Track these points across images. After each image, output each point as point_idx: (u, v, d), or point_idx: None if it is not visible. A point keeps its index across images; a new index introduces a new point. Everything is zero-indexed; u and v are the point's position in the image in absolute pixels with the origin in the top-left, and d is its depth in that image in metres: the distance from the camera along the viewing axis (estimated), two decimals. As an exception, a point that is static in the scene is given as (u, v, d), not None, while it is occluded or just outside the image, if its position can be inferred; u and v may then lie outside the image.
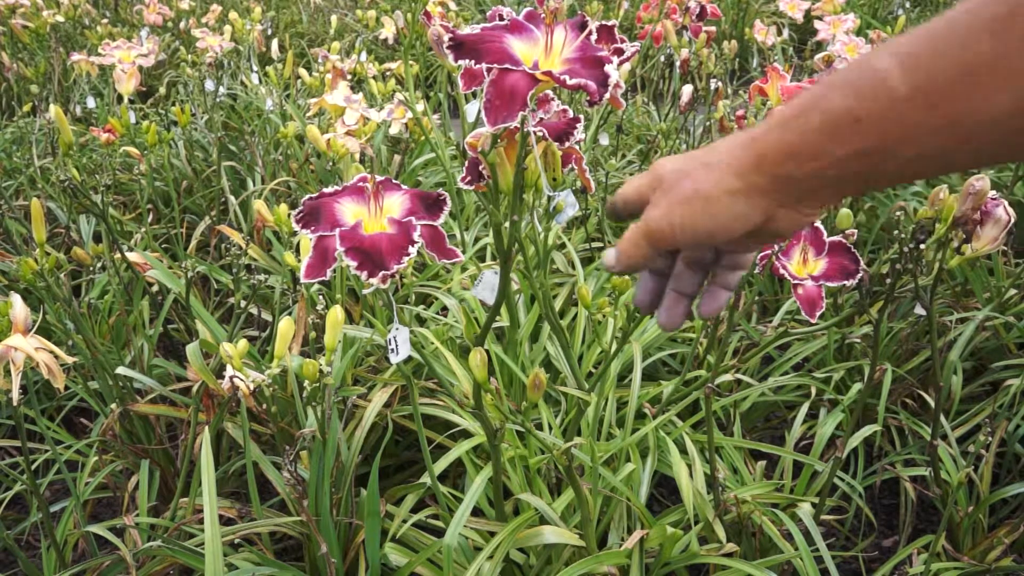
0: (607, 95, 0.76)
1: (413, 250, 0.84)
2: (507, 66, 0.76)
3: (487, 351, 1.02)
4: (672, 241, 0.63)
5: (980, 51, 0.46)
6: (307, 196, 0.90)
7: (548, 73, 0.77)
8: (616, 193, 0.69)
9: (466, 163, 0.95)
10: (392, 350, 0.99)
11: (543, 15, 0.81)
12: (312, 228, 0.87)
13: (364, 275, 0.83)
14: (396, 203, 0.91)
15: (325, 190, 0.91)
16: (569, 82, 0.75)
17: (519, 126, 0.87)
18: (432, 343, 1.51)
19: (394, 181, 0.93)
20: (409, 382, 1.23)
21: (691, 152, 0.63)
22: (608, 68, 0.77)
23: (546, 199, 0.94)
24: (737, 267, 0.68)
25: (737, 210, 0.59)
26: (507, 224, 0.93)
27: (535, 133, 0.89)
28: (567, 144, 0.95)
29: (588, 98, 0.75)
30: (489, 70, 0.77)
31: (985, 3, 0.46)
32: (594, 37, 0.81)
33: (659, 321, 0.70)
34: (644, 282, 0.72)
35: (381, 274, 0.83)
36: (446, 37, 0.78)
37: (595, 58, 0.79)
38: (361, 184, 0.91)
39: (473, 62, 0.76)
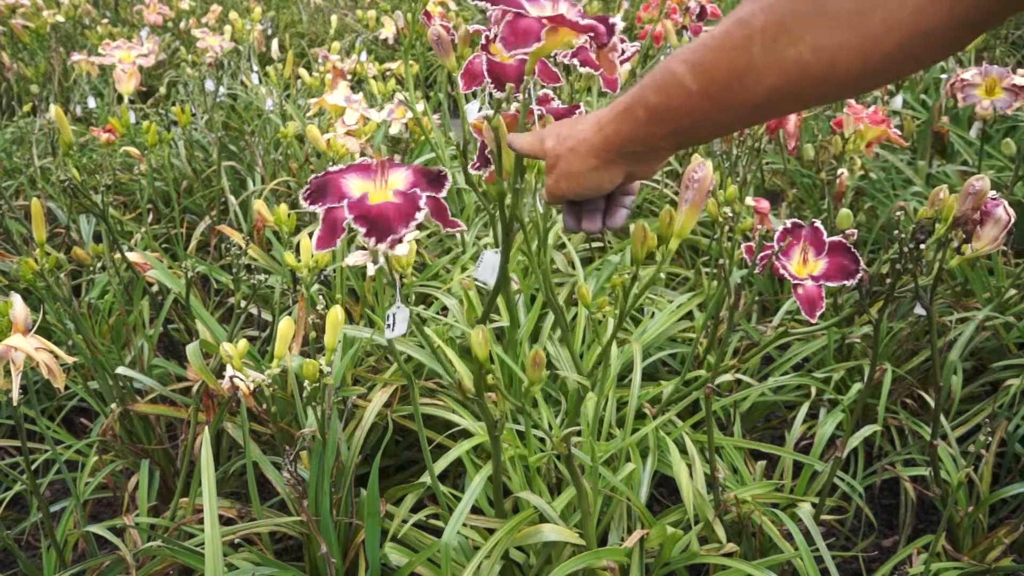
0: (614, 39, 0.85)
1: (420, 216, 0.86)
2: (521, 11, 0.84)
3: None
4: (566, 199, 0.90)
5: (738, 62, 0.67)
6: (313, 176, 0.91)
7: (560, 17, 0.84)
8: (517, 140, 0.92)
9: (477, 148, 0.98)
10: (388, 326, 1.00)
11: None
12: (320, 203, 0.88)
13: (372, 241, 0.84)
14: (400, 178, 0.93)
15: (331, 168, 0.93)
16: (581, 23, 0.83)
17: (519, 107, 0.93)
18: (432, 342, 1.51)
19: (396, 161, 0.95)
20: (410, 381, 1.23)
21: (563, 130, 0.86)
22: (613, 20, 0.86)
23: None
24: (626, 193, 0.93)
25: (602, 178, 0.85)
26: (511, 195, 0.95)
27: (537, 111, 0.93)
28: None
29: (595, 42, 0.85)
30: (504, 13, 0.85)
31: (734, 27, 0.67)
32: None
33: (584, 228, 0.94)
34: (565, 213, 0.95)
35: (389, 239, 0.84)
36: None
37: (601, 18, 0.88)
38: (366, 162, 0.93)
39: (490, 4, 0.85)
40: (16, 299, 1.18)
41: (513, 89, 0.94)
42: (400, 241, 0.86)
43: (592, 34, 0.87)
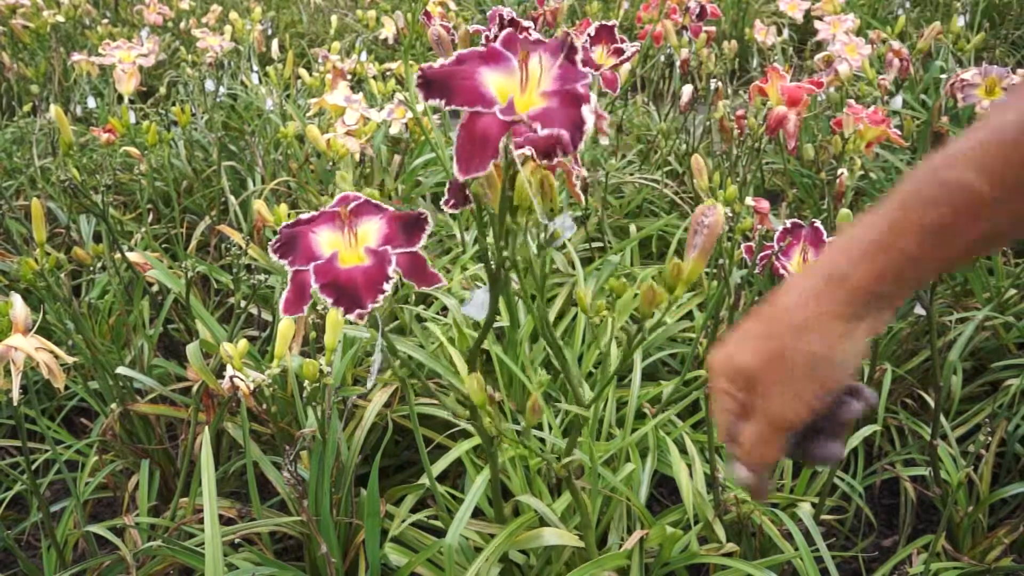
0: (581, 144, 0.71)
1: (388, 286, 0.80)
2: (478, 109, 0.72)
3: (486, 351, 1.02)
4: (811, 414, 0.63)
5: None
6: (284, 223, 0.86)
7: (520, 121, 0.72)
8: (719, 435, 0.68)
9: (448, 185, 0.89)
10: (370, 373, 0.97)
11: (519, 40, 0.76)
12: (289, 259, 0.83)
13: (341, 311, 0.79)
14: (372, 229, 0.87)
15: (302, 216, 0.87)
16: (541, 132, 0.70)
17: (504, 160, 0.79)
18: (432, 342, 1.51)
19: (373, 202, 0.88)
20: (404, 384, 1.23)
21: (756, 326, 0.64)
22: (584, 110, 0.71)
23: (543, 225, 0.91)
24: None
25: (855, 346, 0.61)
26: (498, 244, 0.89)
27: (521, 156, 0.83)
28: (556, 159, 0.90)
29: (561, 149, 0.70)
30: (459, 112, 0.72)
31: None
32: (579, 58, 0.75)
33: (825, 457, 0.67)
34: (787, 450, 0.66)
35: (357, 312, 0.79)
36: (415, 75, 0.73)
37: (574, 96, 0.73)
38: (338, 209, 0.87)
39: (444, 102, 0.72)
40: (16, 299, 1.18)
41: None
42: (368, 314, 0.80)
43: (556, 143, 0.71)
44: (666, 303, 0.97)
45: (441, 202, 0.89)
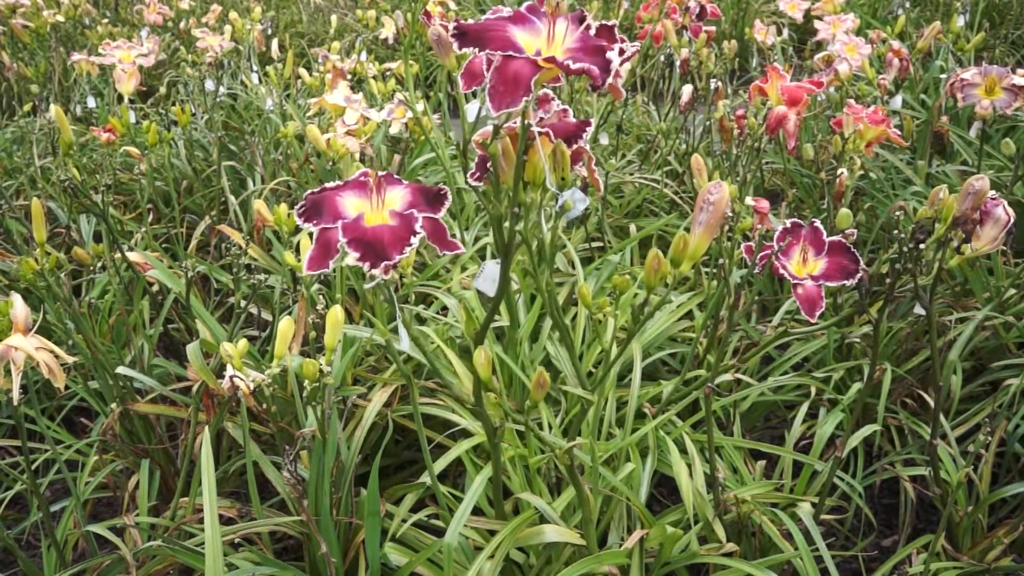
0: (609, 80, 0.78)
1: (415, 240, 0.85)
2: (511, 53, 0.78)
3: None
4: None
5: None
6: (309, 191, 0.90)
7: (551, 59, 0.79)
8: None
9: (476, 159, 0.96)
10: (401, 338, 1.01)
11: (545, 8, 0.83)
12: (315, 221, 0.87)
13: (367, 266, 0.83)
14: (397, 196, 0.91)
15: (327, 185, 0.92)
16: (573, 67, 0.78)
17: (520, 124, 0.87)
18: (433, 342, 1.51)
19: (395, 176, 0.94)
20: (409, 382, 1.23)
21: None
22: (610, 55, 0.79)
23: (554, 198, 0.94)
24: None
25: None
26: (508, 218, 0.93)
27: (542, 132, 0.90)
28: (576, 146, 0.95)
29: (591, 83, 0.78)
30: (491, 60, 0.79)
31: None
32: (593, 30, 0.83)
33: None
34: None
35: (383, 264, 0.83)
36: (450, 26, 0.80)
37: (597, 47, 0.81)
38: (363, 179, 0.91)
39: (477, 49, 0.78)
40: (16, 299, 1.18)
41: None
42: (395, 267, 0.85)
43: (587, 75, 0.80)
44: (672, 278, 0.98)
45: (467, 175, 0.97)
